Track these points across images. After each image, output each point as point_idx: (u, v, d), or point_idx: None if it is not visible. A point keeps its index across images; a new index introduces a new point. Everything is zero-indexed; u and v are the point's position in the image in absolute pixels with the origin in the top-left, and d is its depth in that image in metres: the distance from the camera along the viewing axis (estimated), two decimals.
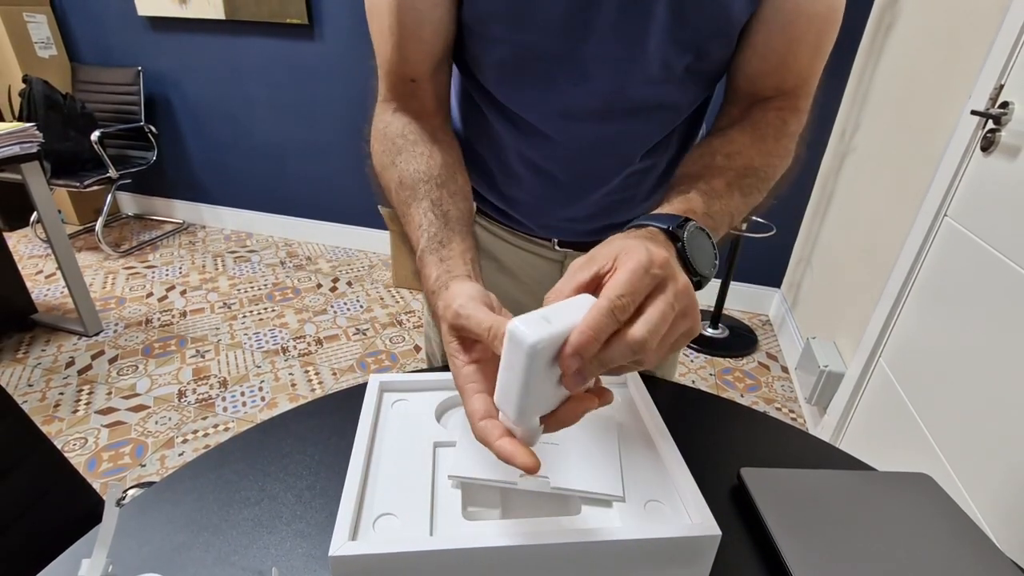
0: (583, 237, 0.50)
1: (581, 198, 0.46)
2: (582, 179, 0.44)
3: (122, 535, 0.36)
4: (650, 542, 0.30)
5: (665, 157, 0.45)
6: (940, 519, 0.38)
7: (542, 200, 0.47)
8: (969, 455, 0.78)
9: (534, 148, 0.43)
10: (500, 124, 0.43)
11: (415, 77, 0.41)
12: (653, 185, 0.47)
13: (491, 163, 0.47)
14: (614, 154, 0.43)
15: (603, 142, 0.42)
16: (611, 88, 0.39)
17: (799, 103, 0.41)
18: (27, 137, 1.33)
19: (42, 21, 2.11)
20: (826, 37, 0.39)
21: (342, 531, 0.30)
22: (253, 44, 1.99)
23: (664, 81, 0.39)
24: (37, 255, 2.08)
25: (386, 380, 0.43)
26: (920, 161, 1.07)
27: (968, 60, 0.94)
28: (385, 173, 0.41)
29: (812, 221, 1.67)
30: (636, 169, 0.44)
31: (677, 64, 0.38)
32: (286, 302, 1.84)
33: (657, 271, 0.24)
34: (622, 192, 0.46)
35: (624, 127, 0.41)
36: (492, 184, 0.49)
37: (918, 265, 0.98)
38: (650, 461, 0.37)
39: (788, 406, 1.44)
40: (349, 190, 2.16)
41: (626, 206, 0.48)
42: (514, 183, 0.47)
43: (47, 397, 1.35)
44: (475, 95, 0.44)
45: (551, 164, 0.44)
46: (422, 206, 0.37)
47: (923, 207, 0.98)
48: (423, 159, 0.39)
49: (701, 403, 0.52)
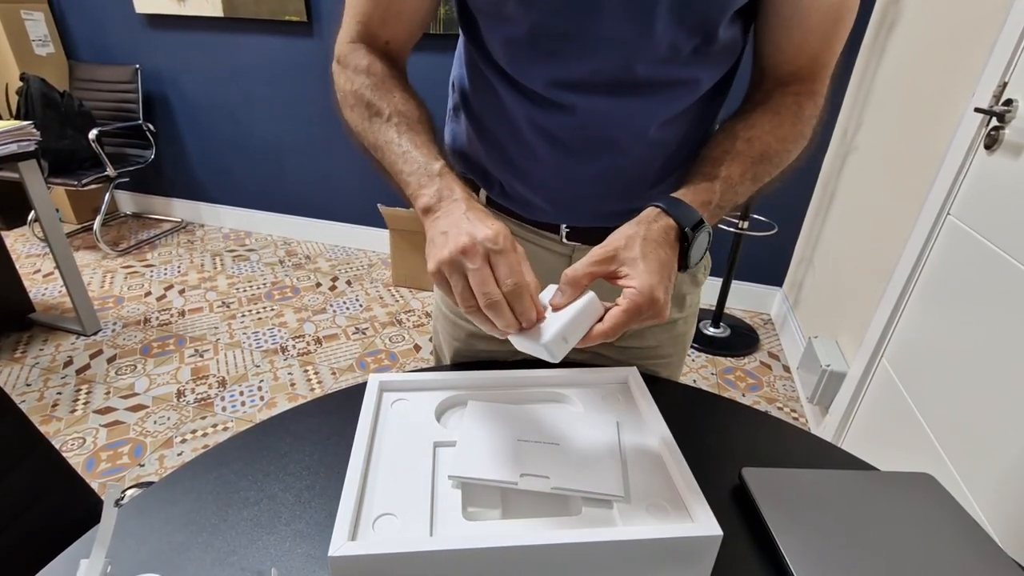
0: (594, 221, 0.49)
1: (594, 169, 0.46)
2: (595, 149, 0.44)
3: (121, 535, 0.35)
4: (651, 542, 0.30)
5: (680, 133, 0.45)
6: (943, 519, 0.37)
7: (556, 171, 0.46)
8: (972, 455, 0.78)
9: (547, 116, 0.43)
10: (512, 96, 0.44)
11: (388, 40, 0.44)
12: (667, 163, 0.46)
13: (503, 136, 0.47)
14: (627, 126, 0.43)
15: (615, 114, 0.42)
16: (619, 65, 0.40)
17: (815, 87, 0.43)
18: (24, 135, 1.33)
19: (39, 18, 2.10)
20: (841, 24, 0.41)
21: (342, 531, 0.29)
22: (252, 42, 1.98)
23: (671, 61, 0.40)
24: (35, 254, 2.08)
25: (386, 379, 0.42)
26: (923, 159, 1.06)
27: (971, 57, 0.94)
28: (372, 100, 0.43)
29: (814, 220, 1.67)
30: (650, 142, 0.44)
31: (684, 45, 0.39)
32: (285, 301, 1.83)
33: (648, 317, 0.33)
34: (636, 168, 0.46)
35: (635, 102, 0.41)
36: (505, 159, 0.48)
37: (921, 264, 0.98)
38: (651, 461, 0.37)
39: (790, 406, 1.43)
40: (349, 188, 2.16)
41: (639, 186, 0.47)
42: (528, 154, 0.46)
43: (45, 397, 1.35)
44: (486, 69, 0.45)
45: (564, 133, 0.44)
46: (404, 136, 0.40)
47: (926, 205, 0.97)
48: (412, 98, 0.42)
49: (702, 403, 0.52)
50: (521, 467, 0.35)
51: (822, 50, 0.42)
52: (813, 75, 0.43)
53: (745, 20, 0.42)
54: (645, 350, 0.56)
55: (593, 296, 0.34)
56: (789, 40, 0.41)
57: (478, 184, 0.51)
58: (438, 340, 0.62)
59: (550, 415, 0.40)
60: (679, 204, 0.37)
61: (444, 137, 0.51)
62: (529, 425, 0.39)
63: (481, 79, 0.46)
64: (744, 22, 0.42)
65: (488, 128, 0.48)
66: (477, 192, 0.52)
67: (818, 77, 0.43)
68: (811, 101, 0.42)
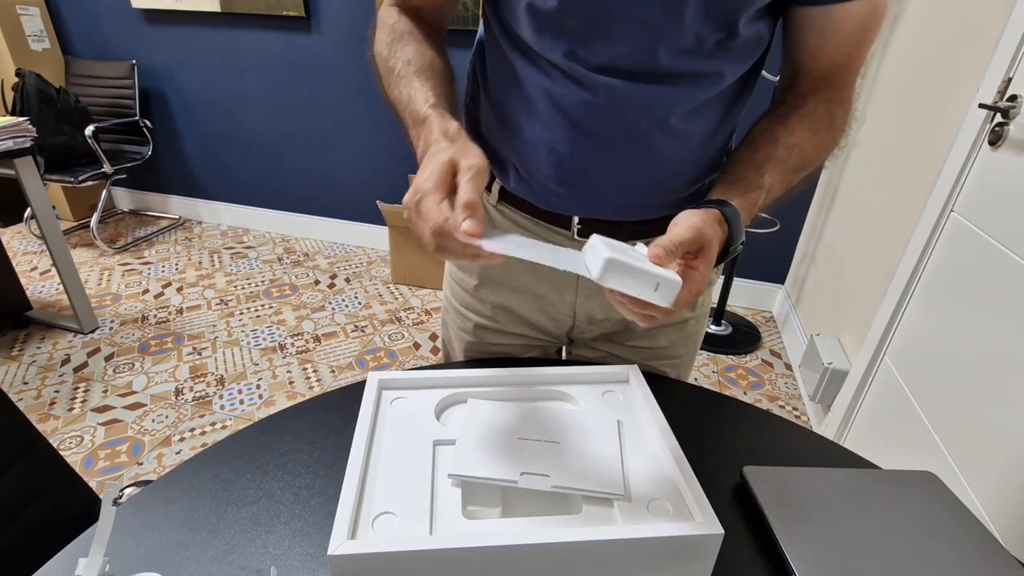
0: (609, 213, 0.48)
1: (614, 154, 0.45)
2: (613, 133, 0.44)
3: (119, 534, 0.35)
4: (652, 541, 0.30)
5: (703, 127, 0.45)
6: (945, 518, 0.37)
7: (573, 152, 0.45)
8: (974, 453, 0.78)
9: (565, 92, 0.43)
10: (531, 72, 0.44)
11: (419, 6, 0.46)
12: (690, 158, 0.46)
13: (520, 116, 0.46)
14: (647, 113, 0.43)
15: (636, 100, 0.42)
16: (642, 52, 0.40)
17: (843, 93, 0.44)
18: (20, 132, 1.32)
19: (35, 14, 2.09)
20: (872, 32, 0.41)
21: (341, 530, 0.29)
22: (249, 37, 1.97)
23: (695, 53, 0.40)
24: (32, 251, 2.07)
25: (385, 378, 0.42)
26: (926, 156, 1.06)
27: (975, 53, 0.93)
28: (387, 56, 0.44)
29: (816, 217, 1.66)
30: (671, 132, 0.44)
31: (709, 38, 0.39)
32: (284, 299, 1.83)
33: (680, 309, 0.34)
34: (657, 159, 0.45)
35: (656, 90, 0.41)
36: (522, 140, 0.47)
37: (924, 261, 0.97)
38: (652, 459, 0.36)
39: (791, 404, 1.43)
40: (347, 185, 2.15)
41: (660, 180, 0.46)
42: (545, 133, 0.45)
43: (43, 395, 1.34)
44: (504, 44, 0.44)
45: (582, 111, 0.43)
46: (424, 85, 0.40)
47: (929, 202, 0.97)
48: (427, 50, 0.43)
49: (704, 401, 0.52)
50: (521, 466, 0.34)
51: (852, 57, 0.42)
52: (843, 81, 0.43)
53: (772, 18, 0.42)
54: (657, 350, 0.55)
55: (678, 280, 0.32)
56: (822, 48, 0.42)
57: (492, 177, 0.51)
58: (447, 334, 0.61)
59: (551, 413, 0.40)
60: (738, 219, 0.38)
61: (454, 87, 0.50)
62: (529, 423, 0.38)
63: (499, 57, 0.45)
64: (771, 20, 0.42)
65: (504, 109, 0.47)
66: (490, 187, 0.51)
67: (847, 83, 0.44)
68: (842, 108, 0.43)
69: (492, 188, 0.51)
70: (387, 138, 2.00)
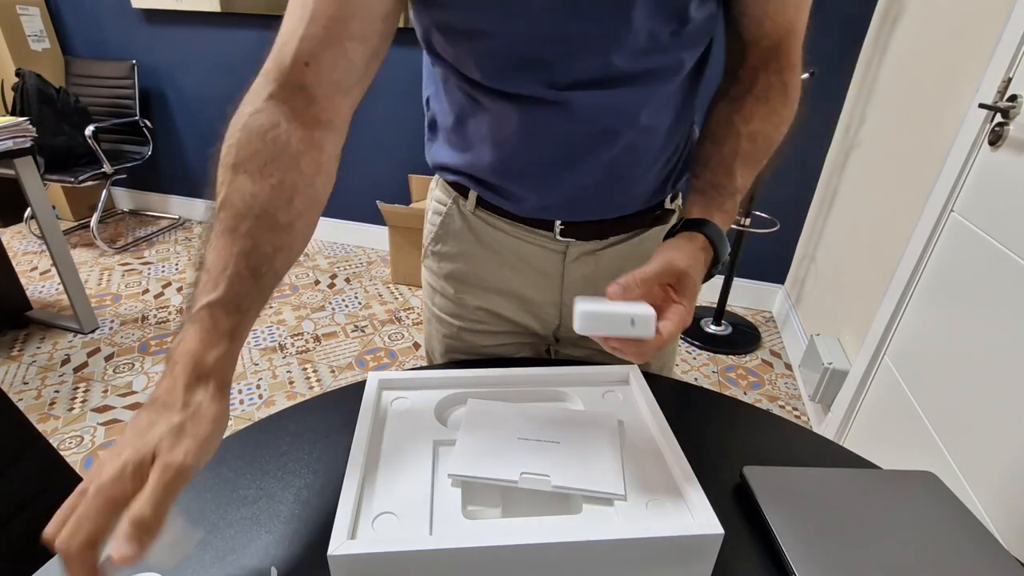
0: (590, 215, 0.48)
1: (587, 160, 0.45)
2: (588, 140, 0.44)
3: None
4: (652, 541, 0.30)
5: (669, 117, 0.45)
6: (945, 518, 0.37)
7: (549, 165, 0.45)
8: (974, 453, 0.78)
9: (536, 112, 0.43)
10: (499, 105, 0.43)
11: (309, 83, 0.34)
12: (659, 145, 0.46)
13: (493, 144, 0.46)
14: (617, 117, 0.43)
15: (604, 107, 0.42)
16: (599, 63, 0.39)
17: (792, 59, 0.44)
18: (20, 132, 1.32)
19: (35, 14, 2.09)
20: None
21: (341, 530, 0.29)
22: (249, 37, 1.97)
23: (652, 50, 0.39)
24: (32, 251, 2.07)
25: (385, 378, 0.42)
26: (926, 156, 1.06)
27: (975, 53, 0.93)
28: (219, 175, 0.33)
29: (816, 217, 1.66)
30: (642, 128, 0.44)
31: (662, 32, 0.39)
32: (283, 299, 1.83)
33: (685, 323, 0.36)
34: (629, 153, 0.45)
35: (622, 93, 0.41)
36: (496, 162, 0.47)
37: (924, 261, 0.97)
38: (652, 459, 0.36)
39: (791, 404, 1.43)
40: (347, 185, 2.15)
41: (632, 172, 0.47)
42: (518, 153, 0.45)
43: (43, 395, 1.34)
44: (464, 86, 0.43)
45: (555, 126, 0.43)
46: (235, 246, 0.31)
47: (929, 202, 0.97)
48: (262, 194, 0.32)
49: (704, 401, 0.51)
50: (521, 466, 0.34)
51: (796, 18, 0.42)
52: (790, 46, 0.43)
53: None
54: None
55: (651, 311, 0.33)
56: (766, 13, 0.42)
57: (467, 187, 0.50)
58: (431, 345, 0.61)
59: (550, 413, 0.40)
60: (721, 237, 0.39)
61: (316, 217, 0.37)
62: (529, 423, 0.38)
63: (461, 97, 0.44)
64: None
65: (474, 140, 0.46)
66: (466, 195, 0.50)
67: (795, 46, 0.44)
68: (793, 75, 0.44)
69: (469, 196, 0.50)
70: (387, 138, 2.00)
